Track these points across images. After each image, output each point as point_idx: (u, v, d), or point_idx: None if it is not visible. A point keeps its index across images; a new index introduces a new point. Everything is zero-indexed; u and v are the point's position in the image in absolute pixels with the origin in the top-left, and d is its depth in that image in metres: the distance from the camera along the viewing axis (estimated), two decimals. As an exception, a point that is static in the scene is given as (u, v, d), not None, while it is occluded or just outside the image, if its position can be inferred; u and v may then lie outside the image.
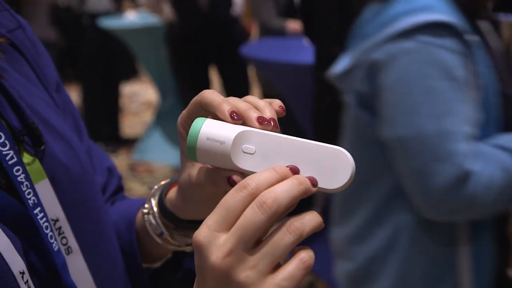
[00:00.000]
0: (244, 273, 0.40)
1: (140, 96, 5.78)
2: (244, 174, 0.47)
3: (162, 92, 3.98)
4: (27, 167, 0.54)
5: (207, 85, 3.41)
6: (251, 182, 0.42)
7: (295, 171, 0.44)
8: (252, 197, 0.42)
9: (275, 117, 0.47)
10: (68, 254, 0.57)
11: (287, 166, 0.44)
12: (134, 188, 3.51)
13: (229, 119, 0.47)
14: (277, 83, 2.55)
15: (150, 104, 5.34)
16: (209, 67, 3.43)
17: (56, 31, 4.05)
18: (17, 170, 0.52)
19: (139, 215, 0.66)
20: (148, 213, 0.64)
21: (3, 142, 0.52)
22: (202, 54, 3.34)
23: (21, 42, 0.61)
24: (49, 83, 0.64)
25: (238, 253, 0.41)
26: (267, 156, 0.45)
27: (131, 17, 3.99)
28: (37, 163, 0.55)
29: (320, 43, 2.10)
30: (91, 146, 0.70)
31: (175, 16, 3.26)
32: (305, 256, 0.41)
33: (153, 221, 0.63)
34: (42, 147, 0.56)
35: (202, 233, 0.42)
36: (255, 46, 2.60)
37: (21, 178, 0.52)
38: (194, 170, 0.53)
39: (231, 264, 0.41)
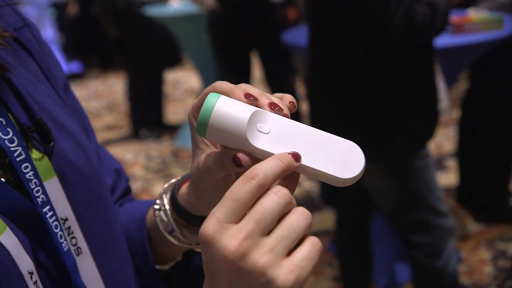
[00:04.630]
0: (263, 257, 0.39)
1: (183, 83, 5.86)
2: (251, 155, 0.46)
3: (204, 79, 4.03)
4: (36, 163, 0.52)
5: (248, 71, 3.42)
6: (258, 172, 0.41)
7: (297, 157, 0.44)
8: (261, 187, 0.41)
9: (288, 112, 0.47)
10: (78, 255, 0.55)
11: (289, 153, 0.43)
12: (177, 173, 3.57)
13: (245, 99, 0.46)
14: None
15: (193, 91, 5.41)
16: (250, 53, 3.44)
17: (110, 20, 4.13)
18: (26, 167, 0.51)
19: (150, 213, 0.65)
20: (159, 210, 0.62)
21: (11, 138, 0.51)
22: (243, 40, 3.34)
23: (27, 41, 0.60)
24: (57, 82, 0.62)
25: (255, 238, 0.40)
26: (280, 139, 0.45)
27: (176, 5, 4.05)
28: (46, 160, 0.54)
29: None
30: (99, 147, 0.68)
31: (217, 3, 3.28)
32: (316, 239, 0.42)
33: (164, 218, 0.62)
34: (51, 144, 0.54)
35: (210, 226, 0.40)
36: (297, 33, 2.59)
37: (30, 175, 0.51)
38: (203, 156, 0.51)
39: (247, 249, 0.39)
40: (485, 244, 2.52)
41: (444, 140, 3.69)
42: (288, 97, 0.48)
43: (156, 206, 0.63)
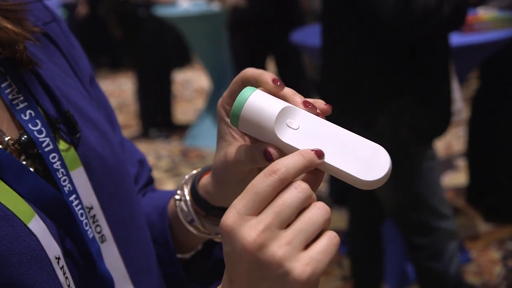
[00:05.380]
0: (281, 249, 0.40)
1: (193, 83, 5.87)
2: (281, 150, 0.47)
3: (214, 79, 4.03)
4: (63, 154, 0.54)
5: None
6: (280, 167, 0.42)
7: (320, 155, 0.44)
8: (282, 182, 0.42)
9: (319, 111, 0.48)
10: (102, 242, 0.57)
11: (312, 150, 0.44)
12: (186, 173, 3.57)
13: (272, 84, 0.47)
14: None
15: (202, 91, 5.42)
16: (267, 54, 3.44)
17: (114, 22, 4.16)
18: (53, 157, 0.53)
19: (171, 203, 0.66)
20: (180, 200, 0.64)
21: (40, 129, 0.53)
22: (263, 38, 3.33)
23: (56, 35, 0.62)
24: (83, 75, 0.64)
25: (273, 230, 0.41)
26: (308, 135, 0.46)
27: (185, 5, 4.06)
28: (73, 151, 0.56)
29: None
30: (123, 139, 0.70)
31: (243, 0, 3.27)
32: (333, 233, 0.42)
33: (184, 208, 0.63)
34: (78, 135, 0.56)
35: (231, 217, 0.41)
36: (306, 32, 2.59)
37: (57, 165, 0.53)
38: (231, 148, 0.52)
39: (266, 241, 0.40)
40: (495, 244, 2.51)
41: (454, 140, 3.68)
42: (320, 102, 0.49)
43: (177, 197, 0.64)
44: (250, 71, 0.50)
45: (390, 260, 2.17)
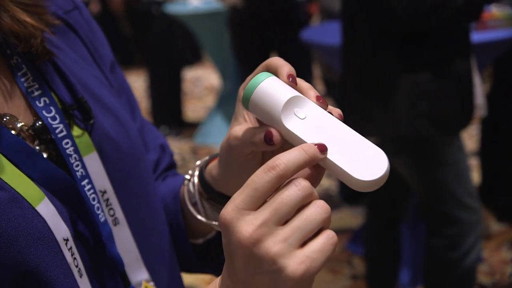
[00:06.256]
0: (276, 246, 0.40)
1: (203, 80, 5.88)
2: (283, 137, 0.47)
3: (224, 77, 4.03)
4: (76, 140, 0.56)
5: None
6: (280, 163, 0.42)
7: (323, 149, 0.44)
8: (280, 178, 0.42)
9: (328, 108, 0.48)
10: (115, 225, 0.59)
11: (315, 144, 0.44)
12: (196, 170, 3.59)
13: (285, 79, 0.48)
14: (338, 68, 2.53)
15: (212, 88, 5.43)
16: (270, 52, 3.43)
17: (126, 19, 4.18)
18: (66, 143, 0.55)
19: (183, 186, 0.68)
20: (189, 180, 0.65)
21: (54, 116, 0.55)
22: (264, 38, 3.34)
23: (76, 23, 0.64)
24: (104, 62, 0.66)
25: (270, 226, 0.41)
26: (312, 127, 0.46)
27: (195, 3, 4.06)
28: (86, 136, 0.57)
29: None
30: (144, 123, 0.71)
31: (240, 0, 3.28)
32: (332, 233, 0.42)
33: (191, 189, 0.64)
34: (91, 121, 0.58)
35: (229, 211, 0.42)
36: (316, 31, 2.58)
37: (70, 151, 0.55)
38: (237, 128, 0.53)
39: (261, 236, 0.40)
40: (507, 244, 2.48)
41: (466, 139, 3.64)
42: (337, 110, 0.49)
43: (187, 176, 0.66)
44: (275, 61, 0.50)
45: (402, 257, 2.15)
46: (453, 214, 1.67)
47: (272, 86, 0.47)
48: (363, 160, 0.44)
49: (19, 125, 0.54)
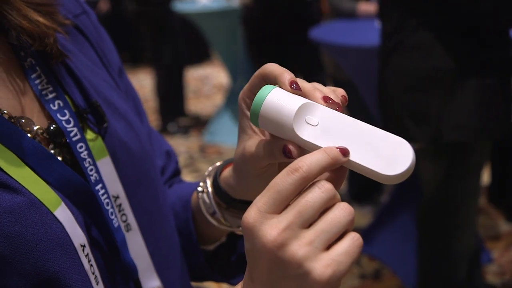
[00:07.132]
0: (302, 249, 0.39)
1: (212, 78, 5.88)
2: (300, 147, 0.46)
3: (233, 75, 4.03)
4: (90, 144, 0.55)
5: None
6: (302, 164, 0.41)
7: (345, 152, 0.43)
8: (304, 180, 0.41)
9: (340, 104, 0.47)
10: (127, 231, 0.58)
11: (337, 148, 0.43)
12: (204, 169, 3.59)
13: (288, 88, 0.47)
14: (346, 67, 2.52)
15: (221, 86, 5.43)
16: (282, 49, 3.43)
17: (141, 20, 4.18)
18: (81, 147, 0.54)
19: (194, 195, 0.67)
20: (202, 192, 0.64)
21: (68, 120, 0.54)
22: (276, 36, 3.34)
23: (85, 27, 0.63)
24: (112, 67, 0.65)
25: (295, 229, 0.40)
26: (328, 131, 0.45)
27: (204, 1, 4.06)
28: (100, 141, 0.57)
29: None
30: (151, 130, 0.71)
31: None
32: (356, 235, 0.41)
33: (206, 199, 0.63)
34: (105, 125, 0.57)
35: (252, 215, 0.41)
36: (324, 29, 2.57)
37: (84, 155, 0.54)
38: (250, 142, 0.52)
39: (286, 240, 0.40)
40: (517, 245, 2.47)
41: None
42: (340, 91, 0.48)
43: (200, 188, 0.64)
44: (270, 68, 0.49)
45: (407, 258, 2.14)
46: (448, 226, 1.67)
47: (277, 99, 0.46)
48: (387, 153, 0.43)
49: (35, 128, 0.53)
